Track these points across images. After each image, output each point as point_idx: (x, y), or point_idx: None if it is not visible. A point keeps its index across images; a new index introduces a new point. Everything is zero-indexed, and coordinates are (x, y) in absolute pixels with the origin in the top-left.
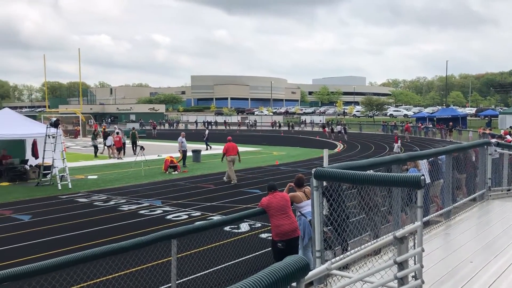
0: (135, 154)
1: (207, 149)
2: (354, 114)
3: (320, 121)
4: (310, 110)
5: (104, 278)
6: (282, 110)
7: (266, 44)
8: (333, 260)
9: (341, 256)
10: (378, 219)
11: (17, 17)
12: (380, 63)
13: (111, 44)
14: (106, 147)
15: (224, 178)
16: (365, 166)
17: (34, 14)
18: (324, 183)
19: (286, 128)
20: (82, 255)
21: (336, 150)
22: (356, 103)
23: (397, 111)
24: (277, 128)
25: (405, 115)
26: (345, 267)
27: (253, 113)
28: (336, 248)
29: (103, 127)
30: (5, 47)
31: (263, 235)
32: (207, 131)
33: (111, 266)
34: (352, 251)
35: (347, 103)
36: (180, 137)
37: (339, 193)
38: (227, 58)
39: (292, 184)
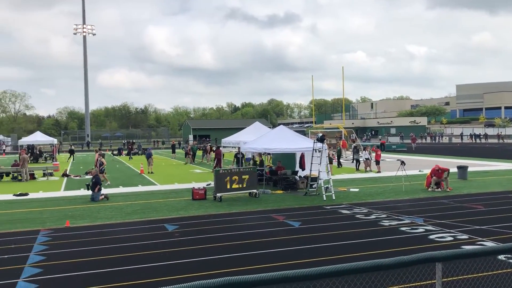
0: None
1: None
2: None
3: None
4: None
5: None
6: None
7: None
8: None
9: None
10: None
11: (284, 44)
12: None
13: (366, 60)
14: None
15: None
16: None
17: (297, 40)
18: None
19: None
20: (347, 266)
21: None
22: None
23: None
24: None
25: None
26: None
27: None
28: None
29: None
30: (277, 71)
31: None
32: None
33: (373, 281)
34: None
35: None
36: None
37: None
38: (492, 63)
39: None
